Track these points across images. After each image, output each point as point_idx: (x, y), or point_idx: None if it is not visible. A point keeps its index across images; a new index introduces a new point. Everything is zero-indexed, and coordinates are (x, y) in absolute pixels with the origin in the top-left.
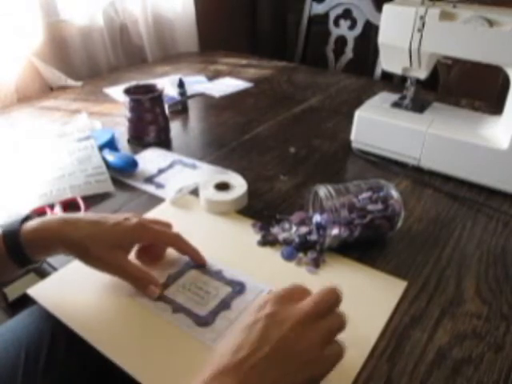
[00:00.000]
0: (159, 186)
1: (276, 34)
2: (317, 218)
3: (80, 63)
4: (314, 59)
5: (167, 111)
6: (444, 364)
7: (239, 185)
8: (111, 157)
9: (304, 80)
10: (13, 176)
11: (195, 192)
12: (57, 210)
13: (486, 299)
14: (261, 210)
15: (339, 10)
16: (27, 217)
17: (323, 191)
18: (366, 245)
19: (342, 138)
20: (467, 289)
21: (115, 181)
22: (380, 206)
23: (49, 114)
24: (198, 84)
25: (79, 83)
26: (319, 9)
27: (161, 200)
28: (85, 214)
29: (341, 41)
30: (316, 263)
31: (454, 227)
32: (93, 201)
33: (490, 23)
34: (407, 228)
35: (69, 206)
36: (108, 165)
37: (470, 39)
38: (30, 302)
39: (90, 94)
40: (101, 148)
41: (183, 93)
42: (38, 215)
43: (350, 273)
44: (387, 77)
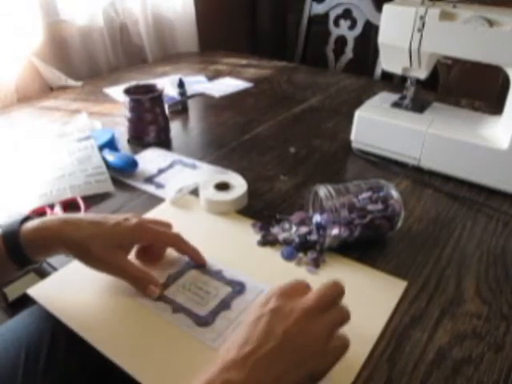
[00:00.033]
0: (159, 186)
1: (276, 34)
2: (317, 218)
3: (80, 63)
4: (314, 59)
5: (167, 111)
6: (444, 364)
7: (239, 185)
8: (111, 157)
9: (304, 80)
10: (13, 176)
11: (195, 192)
12: (57, 210)
13: (486, 299)
14: (261, 210)
15: (339, 10)
16: (27, 217)
17: (323, 191)
18: (366, 245)
19: (342, 138)
20: (467, 289)
21: (115, 181)
22: (380, 206)
23: (49, 114)
24: (198, 84)
25: (79, 83)
26: (319, 9)
27: (161, 200)
28: (85, 215)
29: (341, 41)
30: (316, 263)
31: (454, 227)
32: (93, 201)
33: (490, 23)
34: (407, 228)
35: (69, 206)
36: (108, 165)
37: (470, 39)
38: (30, 302)
39: (90, 94)
40: (101, 148)
41: (183, 93)
42: (38, 215)
43: (350, 273)
44: (387, 77)
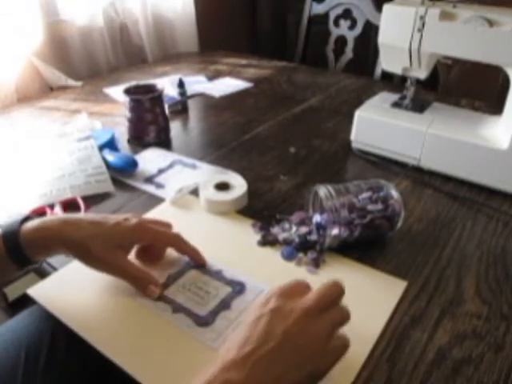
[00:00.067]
0: (159, 186)
1: (276, 34)
2: (317, 218)
3: (80, 63)
4: (314, 59)
5: (167, 111)
6: (444, 364)
7: (239, 185)
8: (111, 157)
9: (304, 80)
10: (13, 176)
11: (195, 192)
12: (57, 210)
13: (486, 299)
14: (261, 210)
15: (339, 10)
16: (27, 217)
17: (323, 191)
18: (366, 245)
19: (342, 138)
20: (467, 289)
21: (115, 181)
22: (380, 206)
23: (49, 114)
24: (198, 84)
25: (79, 83)
26: (319, 9)
27: (161, 200)
28: (85, 215)
29: (341, 41)
30: (316, 263)
31: (454, 227)
32: (93, 201)
33: (490, 23)
34: (407, 228)
35: (69, 206)
36: (108, 165)
37: (470, 39)
38: (30, 302)
39: (90, 94)
40: (101, 148)
41: (183, 93)
42: (38, 215)
43: (350, 273)
44: (387, 77)
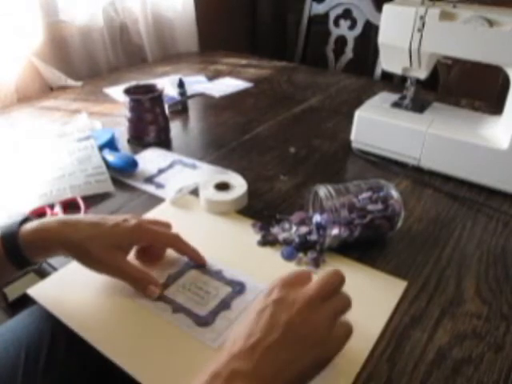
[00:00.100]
0: (159, 186)
1: (276, 34)
2: (317, 218)
3: (80, 63)
4: (314, 59)
5: (167, 111)
6: (444, 364)
7: (239, 185)
8: (111, 157)
9: (304, 80)
10: (13, 176)
11: (195, 192)
12: (57, 210)
13: (486, 299)
14: (261, 210)
15: (339, 10)
16: (26, 218)
17: (323, 191)
18: (366, 245)
19: (342, 138)
20: (467, 289)
21: (115, 181)
22: (380, 206)
23: (49, 114)
24: (198, 84)
25: (79, 83)
26: (319, 9)
27: (161, 200)
28: (84, 216)
29: (341, 41)
30: (316, 263)
31: (454, 227)
32: (93, 201)
33: (490, 23)
34: (407, 228)
35: (69, 206)
36: (108, 165)
37: (470, 39)
38: (30, 302)
39: (90, 94)
40: (101, 148)
41: (183, 93)
42: (38, 215)
43: (350, 273)
44: (387, 77)
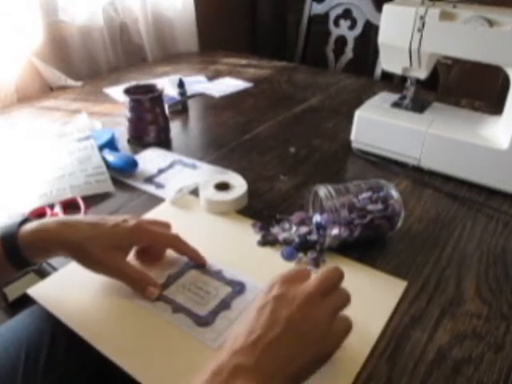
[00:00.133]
0: (159, 186)
1: (276, 34)
2: (317, 218)
3: (80, 63)
4: (314, 59)
5: (167, 111)
6: (444, 364)
7: (239, 185)
8: (111, 157)
9: (304, 80)
10: (13, 176)
11: (195, 192)
12: (57, 210)
13: (486, 299)
14: (261, 210)
15: (339, 10)
16: (25, 219)
17: (323, 191)
18: (366, 245)
19: (342, 138)
20: (467, 289)
21: (115, 181)
22: (380, 206)
23: (49, 114)
24: (198, 84)
25: (79, 83)
26: (319, 9)
27: (161, 200)
28: (84, 216)
29: (341, 41)
30: (316, 263)
31: (454, 227)
32: (93, 201)
33: (490, 23)
34: (407, 228)
35: (69, 206)
36: (108, 165)
37: (470, 39)
38: (30, 302)
39: (90, 94)
40: (101, 148)
41: (183, 93)
42: (38, 215)
43: (350, 273)
44: (387, 77)
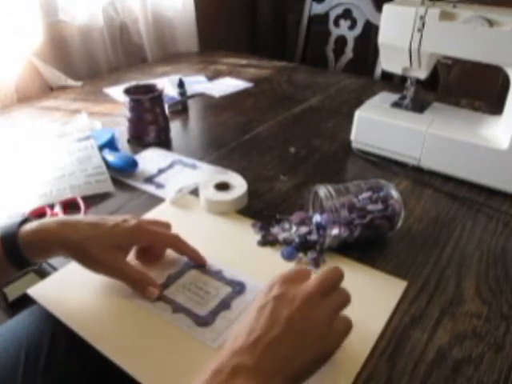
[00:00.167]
0: (159, 186)
1: (276, 34)
2: (317, 218)
3: (80, 63)
4: (314, 59)
5: (167, 111)
6: (444, 364)
7: (239, 185)
8: (111, 157)
9: (304, 80)
10: (13, 176)
11: (195, 192)
12: (57, 210)
13: (486, 299)
14: (261, 210)
15: (339, 10)
16: (26, 219)
17: (323, 191)
18: (366, 245)
19: (342, 138)
20: (467, 289)
21: (115, 181)
22: (380, 206)
23: (49, 114)
24: (198, 84)
25: (79, 83)
26: (319, 9)
27: (161, 200)
28: (84, 216)
29: (341, 41)
30: (316, 263)
31: (454, 227)
32: (93, 201)
33: (490, 23)
34: (407, 228)
35: (69, 206)
36: (108, 165)
37: (470, 39)
38: (30, 302)
39: (90, 94)
40: (101, 148)
41: (183, 93)
42: (38, 215)
43: (350, 273)
44: (387, 77)
